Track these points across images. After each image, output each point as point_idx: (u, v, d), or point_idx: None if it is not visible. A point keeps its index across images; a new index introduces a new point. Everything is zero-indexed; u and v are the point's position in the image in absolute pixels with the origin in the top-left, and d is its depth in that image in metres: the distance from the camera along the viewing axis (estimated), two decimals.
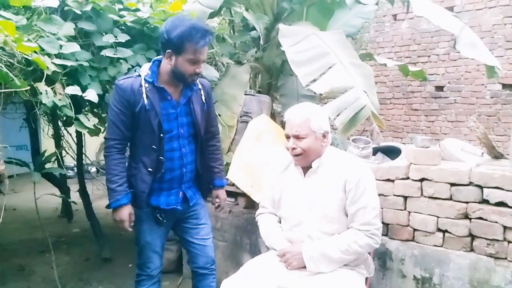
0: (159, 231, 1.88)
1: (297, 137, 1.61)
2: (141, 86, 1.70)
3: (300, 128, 1.60)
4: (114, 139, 1.75)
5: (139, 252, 1.89)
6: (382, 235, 1.72)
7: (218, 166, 2.04)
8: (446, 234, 1.88)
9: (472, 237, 1.84)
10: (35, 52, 1.72)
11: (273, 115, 3.30)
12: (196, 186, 1.97)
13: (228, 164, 2.51)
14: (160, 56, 1.75)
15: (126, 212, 1.76)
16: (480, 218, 1.80)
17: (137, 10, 2.23)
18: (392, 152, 2.34)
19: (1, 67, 1.61)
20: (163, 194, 1.83)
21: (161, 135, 1.75)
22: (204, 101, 1.87)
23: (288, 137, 1.65)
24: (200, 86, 1.86)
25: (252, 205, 2.51)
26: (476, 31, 5.17)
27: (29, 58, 1.71)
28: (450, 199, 1.87)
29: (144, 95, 1.69)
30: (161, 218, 1.84)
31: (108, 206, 1.77)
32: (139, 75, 1.73)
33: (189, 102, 1.81)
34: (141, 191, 1.78)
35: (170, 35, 1.62)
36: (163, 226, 1.88)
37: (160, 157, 1.77)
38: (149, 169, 1.77)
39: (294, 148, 1.62)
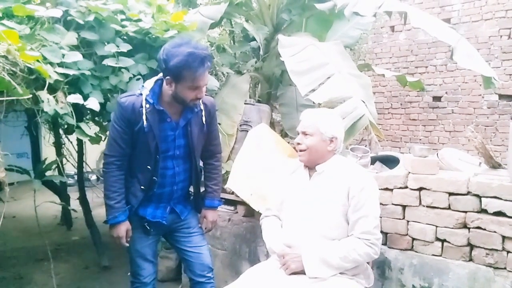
0: (147, 239, 1.89)
1: (304, 134, 1.71)
2: (141, 106, 1.69)
3: (309, 127, 1.69)
4: (113, 155, 1.76)
5: (131, 260, 1.91)
6: (381, 244, 1.72)
7: (212, 186, 1.99)
8: (445, 244, 1.89)
9: (471, 246, 1.84)
10: (38, 61, 1.73)
11: (273, 124, 3.33)
12: (187, 201, 1.98)
13: (227, 173, 2.52)
14: (162, 74, 1.74)
15: (124, 229, 1.78)
16: (479, 227, 1.80)
17: (139, 20, 2.26)
18: (390, 162, 2.36)
19: (3, 75, 1.62)
20: (151, 206, 1.85)
21: (157, 156, 1.76)
22: (204, 122, 1.84)
23: (298, 134, 1.75)
24: (202, 106, 1.82)
25: (251, 213, 2.51)
26: (472, 42, 5.24)
27: (32, 66, 1.72)
28: (449, 208, 1.88)
29: (144, 117, 1.68)
30: (148, 228, 1.85)
31: (106, 222, 1.79)
32: (141, 94, 1.71)
33: (187, 124, 1.79)
34: (131, 204, 1.81)
35: (168, 64, 1.60)
36: (150, 236, 1.88)
37: (154, 177, 1.78)
38: (142, 186, 1.80)
39: (299, 143, 1.71)
